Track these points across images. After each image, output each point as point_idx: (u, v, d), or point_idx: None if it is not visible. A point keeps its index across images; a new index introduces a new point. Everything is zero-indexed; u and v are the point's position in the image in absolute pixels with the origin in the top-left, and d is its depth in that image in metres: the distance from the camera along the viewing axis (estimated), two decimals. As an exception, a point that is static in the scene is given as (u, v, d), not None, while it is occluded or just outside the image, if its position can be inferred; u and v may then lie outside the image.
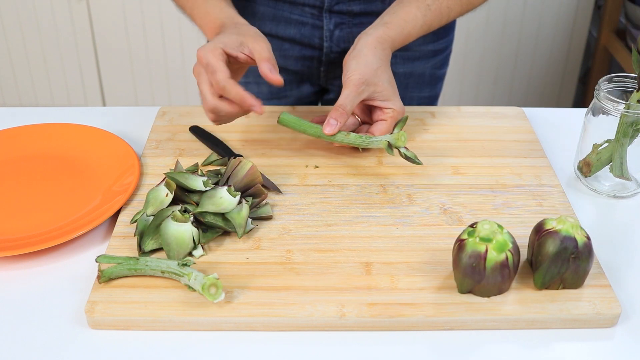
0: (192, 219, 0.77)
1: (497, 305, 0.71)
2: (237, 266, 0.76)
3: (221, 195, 0.79)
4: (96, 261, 0.74)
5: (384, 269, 0.75)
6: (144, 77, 2.30)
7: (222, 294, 0.69)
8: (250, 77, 1.16)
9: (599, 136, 0.88)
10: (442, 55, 1.19)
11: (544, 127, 1.03)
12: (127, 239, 0.79)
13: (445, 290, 0.73)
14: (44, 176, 0.90)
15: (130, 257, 0.74)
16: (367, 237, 0.80)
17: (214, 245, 0.79)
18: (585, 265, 0.71)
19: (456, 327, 0.70)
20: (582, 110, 1.02)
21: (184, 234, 0.76)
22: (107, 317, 0.70)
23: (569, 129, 1.01)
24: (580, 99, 2.47)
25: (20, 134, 0.97)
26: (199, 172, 0.86)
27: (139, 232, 0.78)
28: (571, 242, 0.70)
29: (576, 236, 0.70)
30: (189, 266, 0.73)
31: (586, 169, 0.89)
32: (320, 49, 1.11)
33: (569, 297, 0.72)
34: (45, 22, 2.20)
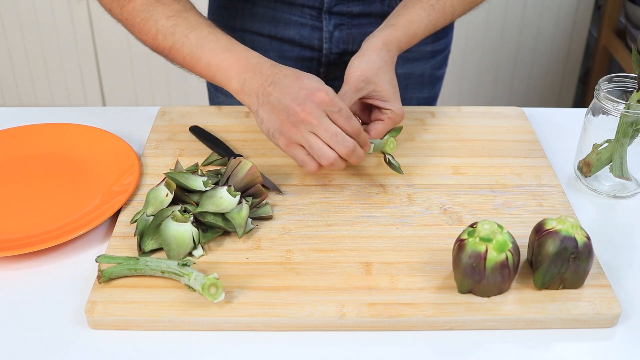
0: (192, 219, 0.77)
1: (497, 305, 0.71)
2: (237, 266, 0.76)
3: (221, 195, 0.79)
4: (96, 261, 0.74)
5: (384, 269, 0.75)
6: (144, 77, 2.29)
7: (222, 294, 0.69)
8: None
9: (599, 136, 0.87)
10: (441, 55, 1.19)
11: (544, 127, 1.03)
12: (127, 239, 0.79)
13: (445, 290, 0.73)
14: (44, 176, 0.90)
15: (130, 257, 0.74)
16: (367, 237, 0.80)
17: (214, 245, 0.79)
18: (585, 265, 0.71)
19: (456, 327, 0.70)
20: (582, 110, 1.02)
21: (184, 234, 0.76)
22: (107, 317, 0.70)
23: (569, 129, 1.01)
24: (580, 99, 2.46)
25: (20, 134, 0.97)
26: (199, 172, 0.86)
27: (139, 232, 0.78)
28: (571, 242, 0.70)
29: (576, 236, 0.70)
30: (189, 266, 0.73)
31: (586, 169, 0.89)
32: (319, 50, 1.11)
33: (569, 297, 0.72)
34: (45, 22, 2.20)
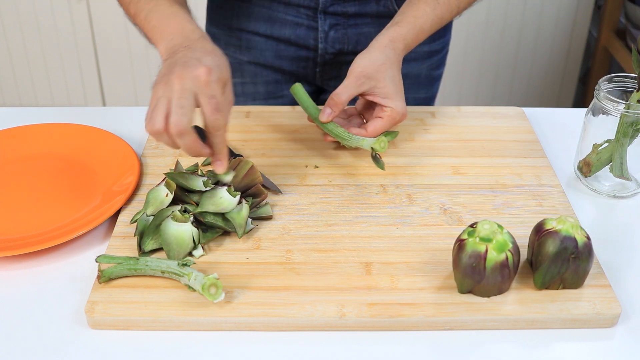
0: (192, 219, 0.77)
1: (497, 305, 0.71)
2: (237, 266, 0.76)
3: (221, 195, 0.79)
4: (96, 261, 0.74)
5: (384, 269, 0.75)
6: (144, 77, 2.29)
7: (222, 294, 0.69)
8: (247, 77, 1.16)
9: (599, 136, 0.87)
10: (438, 56, 1.19)
11: (544, 127, 1.03)
12: (127, 239, 0.79)
13: (445, 290, 0.73)
14: (44, 176, 0.90)
15: (130, 257, 0.74)
16: (367, 237, 0.80)
17: (214, 245, 0.79)
18: (585, 265, 0.71)
19: (456, 327, 0.70)
20: (582, 110, 1.02)
21: (184, 234, 0.76)
22: (107, 317, 0.70)
23: (569, 129, 1.01)
24: (580, 99, 2.46)
25: (20, 134, 0.97)
26: (199, 172, 0.85)
27: (139, 232, 0.78)
28: (571, 242, 0.70)
29: (576, 236, 0.70)
30: (189, 266, 0.73)
31: (586, 169, 0.89)
32: (315, 50, 1.11)
33: (569, 297, 0.72)
34: (45, 22, 2.20)
